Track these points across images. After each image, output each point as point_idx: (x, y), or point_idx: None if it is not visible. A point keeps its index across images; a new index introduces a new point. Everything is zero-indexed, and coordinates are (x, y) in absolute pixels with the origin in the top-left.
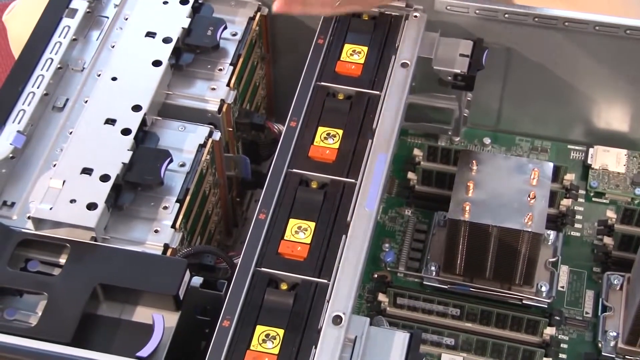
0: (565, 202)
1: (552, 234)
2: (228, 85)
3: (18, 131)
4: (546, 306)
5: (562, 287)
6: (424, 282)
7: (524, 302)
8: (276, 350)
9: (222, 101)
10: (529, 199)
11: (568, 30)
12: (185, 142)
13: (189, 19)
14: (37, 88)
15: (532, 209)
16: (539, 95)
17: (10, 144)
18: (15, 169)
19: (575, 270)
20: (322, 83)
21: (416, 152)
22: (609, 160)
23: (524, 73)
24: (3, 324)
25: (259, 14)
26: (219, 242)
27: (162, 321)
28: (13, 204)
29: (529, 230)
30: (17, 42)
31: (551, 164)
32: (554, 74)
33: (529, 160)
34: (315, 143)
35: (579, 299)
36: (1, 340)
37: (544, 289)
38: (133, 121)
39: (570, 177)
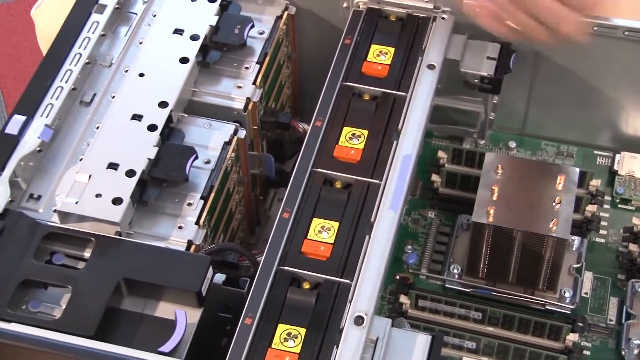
0: (591, 208)
1: (576, 240)
2: (254, 83)
3: (46, 125)
4: (569, 312)
5: (586, 293)
6: (446, 285)
7: (547, 307)
8: (297, 349)
9: (248, 99)
10: (554, 204)
11: (597, 35)
12: (210, 139)
13: (217, 17)
14: (66, 83)
15: (557, 214)
16: (565, 100)
17: (38, 138)
18: (42, 162)
19: (599, 276)
20: (348, 83)
21: (441, 154)
22: (636, 166)
23: (551, 77)
24: (27, 316)
25: (286, 12)
26: (242, 239)
27: (185, 317)
28: (39, 197)
29: (554, 235)
30: (45, 38)
31: (577, 169)
32: (581, 78)
33: (554, 165)
34: (340, 143)
35: (602, 306)
36: (25, 332)
37: (567, 294)
38: (159, 117)
39: (596, 183)
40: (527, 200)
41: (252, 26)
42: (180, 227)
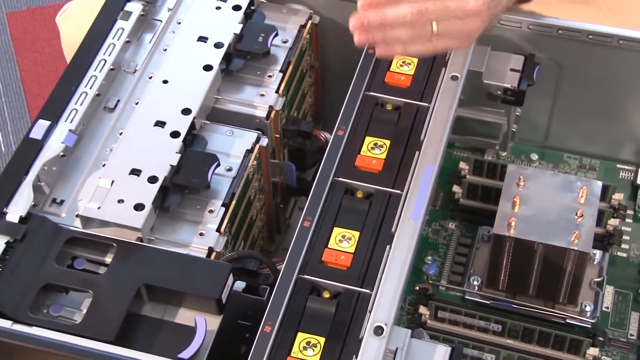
0: (613, 222)
1: (598, 254)
2: (277, 91)
3: (70, 130)
4: (590, 326)
5: (607, 307)
6: (466, 297)
7: (567, 321)
8: (317, 358)
9: (271, 107)
10: (576, 217)
11: (622, 48)
12: (232, 146)
13: (241, 25)
14: (90, 88)
15: (579, 227)
16: (589, 113)
17: (62, 143)
18: (66, 167)
19: (620, 291)
20: (371, 93)
21: (462, 165)
22: None
23: (574, 90)
24: (48, 320)
25: (310, 22)
26: (262, 247)
27: (204, 324)
28: (62, 201)
29: (576, 248)
30: (69, 44)
31: (600, 183)
32: (605, 91)
33: (577, 178)
34: (362, 152)
35: (623, 321)
36: (46, 336)
37: (588, 308)
38: (182, 124)
39: (618, 197)
40: (549, 213)
41: (276, 35)
42: (201, 234)
